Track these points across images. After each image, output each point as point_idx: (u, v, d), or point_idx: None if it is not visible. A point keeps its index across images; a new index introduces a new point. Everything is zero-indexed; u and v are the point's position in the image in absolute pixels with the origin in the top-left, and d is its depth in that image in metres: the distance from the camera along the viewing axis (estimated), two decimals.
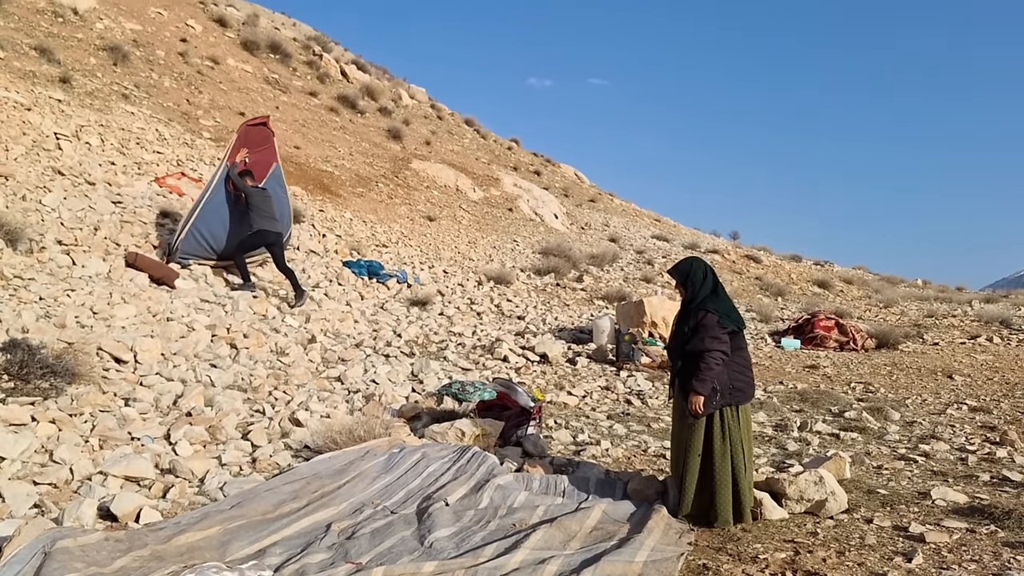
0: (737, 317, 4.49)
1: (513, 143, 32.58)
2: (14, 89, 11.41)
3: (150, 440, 5.03)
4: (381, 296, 11.24)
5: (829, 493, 4.49)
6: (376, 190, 17.68)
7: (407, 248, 14.55)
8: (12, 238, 7.53)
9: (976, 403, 7.99)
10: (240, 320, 8.27)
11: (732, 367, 4.41)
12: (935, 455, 5.96)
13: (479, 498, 4.52)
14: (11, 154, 9.35)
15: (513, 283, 13.90)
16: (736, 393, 4.41)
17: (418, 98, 31.08)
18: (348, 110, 23.51)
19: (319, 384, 7.07)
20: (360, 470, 4.85)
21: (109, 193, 9.88)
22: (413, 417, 6.41)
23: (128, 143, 12.09)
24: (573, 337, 10.81)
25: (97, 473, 4.41)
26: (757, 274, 19.35)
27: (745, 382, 4.48)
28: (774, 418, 7.27)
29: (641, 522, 4.20)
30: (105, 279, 7.96)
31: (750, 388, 4.53)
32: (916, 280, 23.89)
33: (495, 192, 22.36)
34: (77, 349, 5.96)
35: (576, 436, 6.38)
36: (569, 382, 8.47)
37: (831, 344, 11.76)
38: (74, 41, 16.04)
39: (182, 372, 6.51)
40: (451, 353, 9.07)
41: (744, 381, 4.47)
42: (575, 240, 20.34)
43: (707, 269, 4.63)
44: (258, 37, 24.20)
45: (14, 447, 4.40)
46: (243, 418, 5.86)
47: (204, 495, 4.45)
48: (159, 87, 16.43)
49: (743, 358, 4.53)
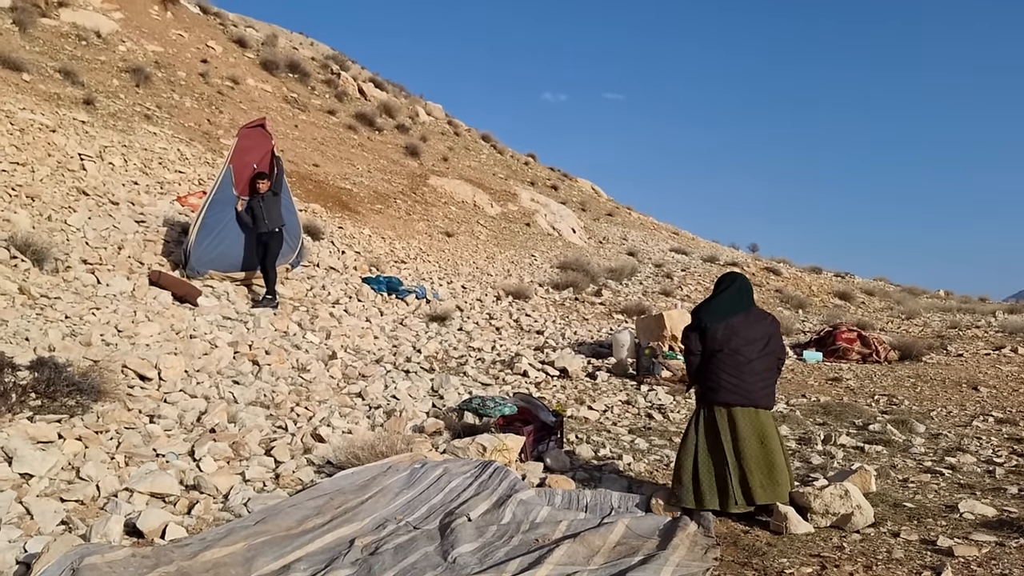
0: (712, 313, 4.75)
1: (530, 158, 32.70)
2: (39, 111, 11.62)
3: (175, 457, 5.07)
4: (400, 312, 11.29)
5: (855, 507, 4.44)
6: (394, 206, 17.78)
7: (426, 264, 14.61)
8: (38, 258, 7.65)
9: (1002, 415, 7.88)
10: (262, 337, 8.33)
11: (709, 369, 4.71)
12: (962, 468, 5.89)
13: (501, 513, 4.51)
14: (37, 175, 9.52)
15: (532, 298, 13.91)
16: (707, 394, 4.71)
17: (435, 115, 31.30)
18: (366, 128, 23.73)
19: (340, 400, 7.10)
20: (382, 485, 4.86)
21: (132, 212, 10.03)
22: (434, 432, 6.42)
23: (151, 163, 12.26)
24: (593, 351, 10.78)
25: (123, 490, 4.45)
26: (777, 286, 19.25)
27: (716, 384, 4.66)
28: (797, 431, 7.21)
29: (666, 537, 4.18)
30: (129, 297, 8.05)
31: (735, 392, 4.62)
32: (938, 291, 23.67)
33: (512, 207, 22.43)
34: (102, 367, 6.04)
35: (598, 451, 6.36)
36: (590, 396, 8.45)
37: (854, 356, 11.65)
38: (97, 63, 16.33)
39: (205, 389, 6.57)
40: (471, 368, 9.08)
41: (715, 383, 4.66)
42: (593, 254, 20.33)
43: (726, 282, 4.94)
44: (277, 57, 24.51)
45: (42, 464, 4.46)
46: (266, 434, 5.89)
47: (228, 511, 4.48)
48: (180, 107, 16.66)
49: (719, 360, 4.67)
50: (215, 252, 9.42)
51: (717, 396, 4.66)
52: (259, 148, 10.36)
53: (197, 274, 9.22)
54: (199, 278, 9.22)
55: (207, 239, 9.33)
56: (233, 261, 9.67)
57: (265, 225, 9.58)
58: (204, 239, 9.31)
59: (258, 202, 9.61)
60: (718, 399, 4.67)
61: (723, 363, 4.66)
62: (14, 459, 4.42)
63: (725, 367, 4.66)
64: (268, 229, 9.60)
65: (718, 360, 4.67)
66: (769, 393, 4.75)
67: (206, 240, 9.32)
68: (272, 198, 9.73)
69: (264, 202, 9.62)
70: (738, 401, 4.64)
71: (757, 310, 4.89)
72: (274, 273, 9.66)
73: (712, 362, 4.70)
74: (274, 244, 9.66)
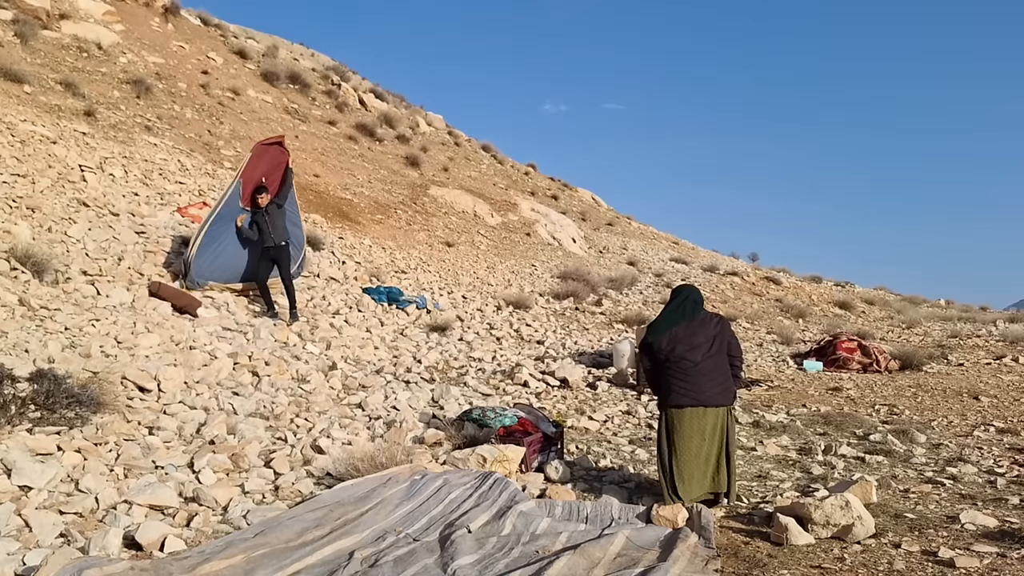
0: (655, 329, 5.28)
1: (530, 168, 32.74)
2: (40, 123, 11.65)
3: (174, 469, 5.06)
4: (401, 322, 11.29)
5: (856, 517, 4.43)
6: (395, 217, 17.81)
7: (426, 274, 14.61)
8: (39, 269, 7.65)
9: (1004, 424, 7.87)
10: (262, 348, 8.33)
11: (660, 376, 5.23)
12: (963, 478, 5.87)
13: (502, 525, 4.50)
14: (37, 187, 9.53)
15: (532, 308, 13.92)
16: (662, 398, 5.23)
17: (435, 125, 31.37)
18: (366, 138, 23.78)
19: (340, 411, 7.09)
20: (382, 497, 4.85)
21: (133, 223, 10.04)
22: (434, 443, 6.41)
23: (151, 174, 12.28)
24: (593, 361, 10.78)
25: (122, 502, 4.43)
26: (777, 296, 19.25)
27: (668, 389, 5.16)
28: (798, 441, 7.20)
29: (667, 549, 4.17)
30: (129, 308, 8.05)
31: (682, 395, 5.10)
32: (939, 300, 23.68)
33: (513, 217, 22.45)
34: (102, 378, 6.04)
35: (598, 461, 6.35)
36: (590, 407, 8.44)
37: (854, 366, 11.65)
38: (98, 75, 16.38)
39: (205, 400, 6.56)
40: (471, 379, 9.08)
41: (667, 388, 5.17)
42: (593, 264, 20.34)
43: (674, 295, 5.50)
44: (278, 68, 24.60)
45: (41, 476, 4.45)
46: (265, 446, 5.88)
47: (228, 523, 4.47)
48: (181, 118, 16.71)
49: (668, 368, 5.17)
50: (215, 264, 9.41)
51: (669, 399, 5.16)
52: (273, 164, 10.30)
53: (197, 286, 9.22)
54: (198, 289, 9.22)
55: (207, 251, 9.33)
56: (232, 272, 9.64)
57: (271, 239, 9.50)
58: (205, 251, 9.30)
59: (262, 216, 9.55)
60: (669, 402, 5.16)
61: (671, 370, 5.15)
62: (13, 471, 4.41)
63: (673, 373, 5.14)
64: (275, 243, 9.51)
65: (667, 368, 5.17)
66: (724, 391, 5.15)
67: (207, 252, 9.32)
68: (276, 211, 9.67)
69: (269, 215, 9.56)
70: (687, 403, 5.10)
71: (702, 316, 5.28)
72: (293, 287, 9.66)
73: (663, 370, 5.20)
74: (284, 258, 9.59)
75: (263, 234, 9.51)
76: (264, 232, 9.50)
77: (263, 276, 9.60)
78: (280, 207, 9.77)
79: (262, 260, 9.58)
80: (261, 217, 9.55)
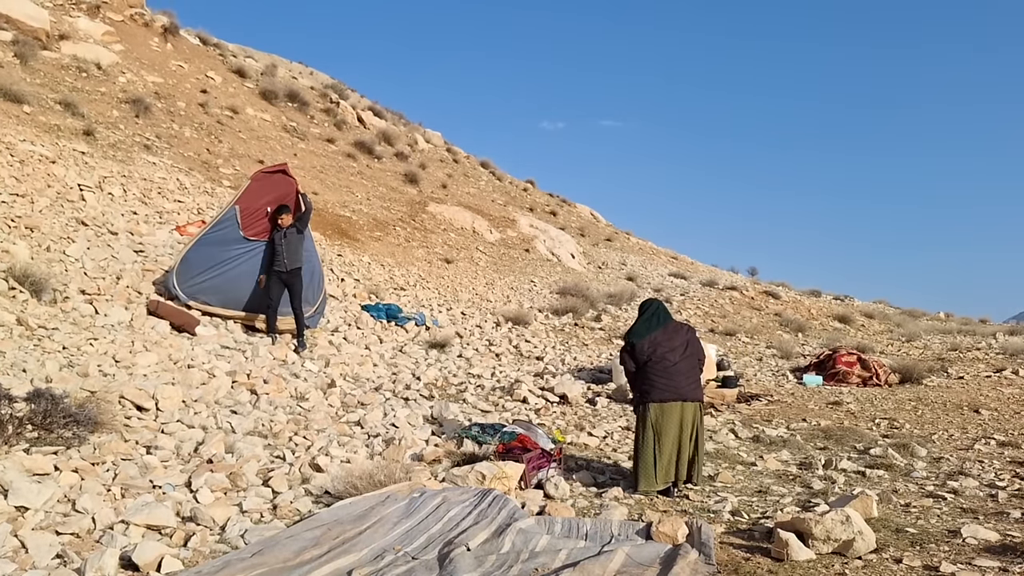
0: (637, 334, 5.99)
1: (529, 184, 32.84)
2: (39, 143, 11.69)
3: (171, 488, 5.04)
4: (400, 339, 11.27)
5: (857, 532, 4.41)
6: (393, 234, 17.83)
7: (425, 291, 14.62)
8: (37, 289, 7.65)
9: (1004, 438, 7.85)
10: (260, 365, 8.32)
11: (643, 376, 5.90)
12: (964, 492, 5.85)
13: (501, 542, 4.47)
14: (36, 206, 9.55)
15: (531, 324, 13.90)
16: (644, 395, 5.88)
17: (434, 142, 31.49)
18: (365, 156, 23.85)
19: (339, 429, 7.07)
20: (381, 515, 4.82)
21: (131, 242, 10.04)
22: (433, 460, 6.38)
23: (150, 193, 12.31)
24: (592, 377, 10.76)
25: (119, 522, 4.41)
26: (776, 310, 19.24)
27: (650, 386, 5.85)
28: (798, 456, 7.17)
29: (667, 566, 4.14)
30: (127, 327, 8.05)
31: (665, 391, 5.81)
32: (938, 313, 23.67)
33: (512, 233, 22.49)
34: (99, 398, 6.02)
35: (597, 477, 6.33)
36: (589, 423, 8.42)
37: (854, 380, 11.63)
38: (97, 95, 16.45)
39: (203, 419, 6.54)
40: (470, 395, 9.05)
41: (650, 385, 5.85)
42: (592, 279, 20.35)
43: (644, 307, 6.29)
44: (276, 86, 24.70)
45: (37, 497, 4.42)
46: (263, 464, 5.85)
47: (225, 543, 4.44)
48: (180, 137, 16.76)
49: (650, 368, 5.87)
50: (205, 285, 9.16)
51: (652, 395, 5.83)
52: (278, 191, 9.79)
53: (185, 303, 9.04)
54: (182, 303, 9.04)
55: (191, 272, 9.12)
56: (226, 298, 9.33)
57: (284, 264, 9.23)
58: (187, 272, 9.11)
59: (281, 237, 9.27)
60: (652, 397, 5.83)
61: (654, 370, 5.86)
62: (9, 492, 4.39)
63: (657, 372, 5.85)
64: (287, 268, 9.25)
65: (649, 367, 5.87)
66: (697, 387, 5.98)
67: (190, 273, 9.11)
68: (296, 236, 9.38)
69: (287, 239, 9.27)
70: (668, 397, 5.81)
71: (674, 323, 6.13)
72: (303, 315, 9.45)
73: (645, 370, 5.89)
74: (297, 284, 9.34)
75: (277, 257, 9.22)
76: (279, 255, 9.22)
77: (274, 300, 9.30)
78: (300, 232, 9.50)
79: (273, 283, 9.26)
80: (280, 239, 9.26)
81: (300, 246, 9.49)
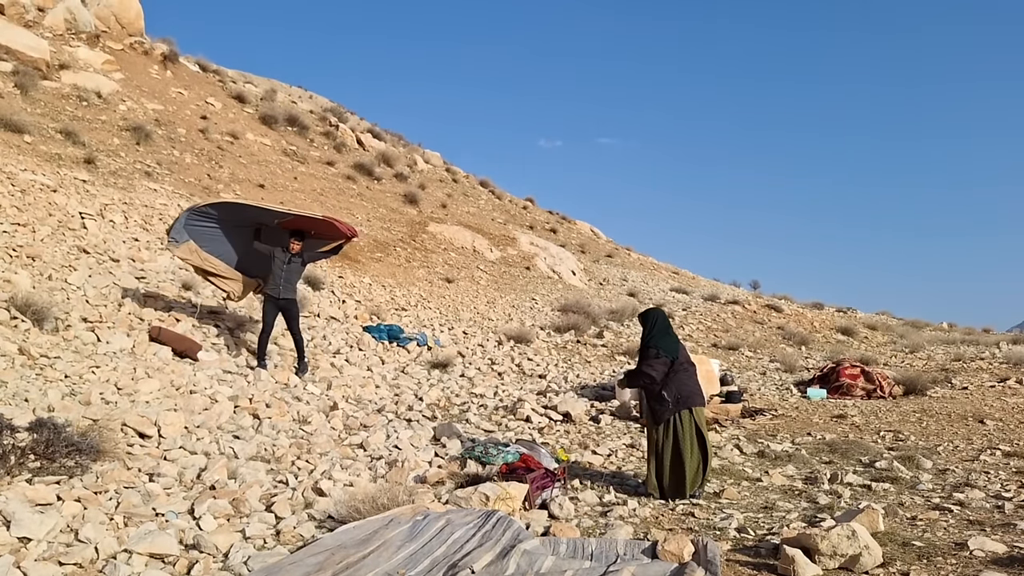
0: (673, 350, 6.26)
1: (528, 202, 32.93)
2: (40, 172, 11.75)
3: (174, 515, 5.02)
4: (402, 360, 11.27)
5: (863, 547, 4.38)
6: (394, 254, 17.87)
7: (426, 311, 14.62)
8: (39, 318, 7.66)
9: (1010, 448, 7.81)
10: (262, 390, 8.31)
11: (675, 383, 6.11)
12: (970, 504, 5.82)
13: (505, 564, 4.45)
14: (38, 235, 9.59)
15: (533, 342, 13.90)
16: (684, 400, 6.10)
17: (433, 162, 31.62)
18: (365, 177, 23.96)
19: (342, 452, 7.05)
20: (384, 539, 4.80)
21: (133, 269, 10.07)
22: (437, 482, 6.36)
23: (151, 219, 12.36)
24: (596, 394, 10.73)
25: (122, 551, 4.39)
26: (779, 323, 19.22)
27: (689, 392, 6.14)
28: (803, 470, 7.14)
29: None
30: (129, 354, 8.05)
31: (696, 396, 6.20)
32: (942, 323, 23.63)
33: (512, 251, 22.52)
34: (102, 426, 6.01)
35: (602, 496, 6.30)
36: (593, 441, 8.39)
37: (858, 392, 11.59)
38: (98, 123, 16.56)
39: (205, 445, 6.52)
40: (473, 415, 9.03)
41: (688, 391, 6.14)
42: (594, 296, 20.36)
43: (653, 318, 6.47)
44: (276, 111, 24.86)
45: (40, 527, 4.41)
46: (266, 489, 5.83)
47: (228, 570, 4.42)
48: (181, 163, 16.85)
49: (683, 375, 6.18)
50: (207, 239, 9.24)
51: (691, 400, 6.13)
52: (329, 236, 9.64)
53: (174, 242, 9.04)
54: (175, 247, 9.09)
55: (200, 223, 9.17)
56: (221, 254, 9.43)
57: (278, 290, 9.20)
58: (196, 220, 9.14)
59: (284, 262, 9.19)
60: (688, 403, 6.11)
61: (682, 377, 6.17)
62: (12, 523, 4.38)
63: (684, 380, 6.16)
64: (282, 296, 9.24)
65: (682, 375, 6.17)
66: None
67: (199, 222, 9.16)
68: (298, 265, 9.37)
69: (289, 265, 9.22)
70: (699, 402, 6.23)
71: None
72: (303, 340, 9.50)
73: (677, 378, 6.15)
74: (294, 311, 9.38)
75: (273, 279, 9.18)
76: (276, 277, 9.18)
77: (268, 324, 9.25)
78: (303, 264, 9.52)
79: (268, 308, 9.27)
80: (283, 261, 9.19)
81: (299, 277, 9.54)
